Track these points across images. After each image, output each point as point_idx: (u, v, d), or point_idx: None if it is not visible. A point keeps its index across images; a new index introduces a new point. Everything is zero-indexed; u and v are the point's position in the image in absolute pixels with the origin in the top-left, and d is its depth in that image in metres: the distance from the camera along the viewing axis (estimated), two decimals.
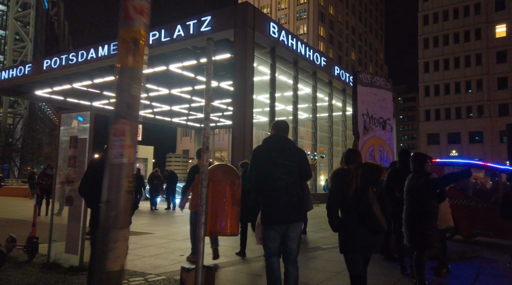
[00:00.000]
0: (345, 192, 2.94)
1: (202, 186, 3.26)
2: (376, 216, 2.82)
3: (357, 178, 2.93)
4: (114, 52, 18.52)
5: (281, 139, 3.35)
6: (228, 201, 3.37)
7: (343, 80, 23.46)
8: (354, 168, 3.00)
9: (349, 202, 2.92)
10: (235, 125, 15.63)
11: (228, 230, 3.33)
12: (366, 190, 2.88)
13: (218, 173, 3.44)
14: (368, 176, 2.96)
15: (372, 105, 7.42)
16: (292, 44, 18.10)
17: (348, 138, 25.50)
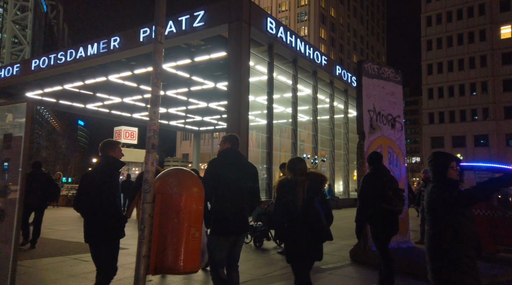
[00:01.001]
0: (292, 202, 2.95)
1: (144, 200, 2.25)
2: (324, 225, 2.92)
3: (304, 188, 2.95)
4: (103, 51, 17.62)
5: (236, 153, 3.39)
6: (183, 222, 2.35)
7: (345, 80, 22.46)
8: (301, 178, 3.01)
9: (297, 212, 2.92)
10: (230, 128, 14.64)
11: (181, 266, 2.31)
12: (313, 199, 2.94)
13: (169, 182, 2.43)
14: (313, 186, 3.01)
15: (380, 100, 6.40)
16: (291, 42, 17.14)
17: (351, 142, 24.46)
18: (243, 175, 3.28)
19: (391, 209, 4.10)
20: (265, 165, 16.96)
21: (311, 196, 2.96)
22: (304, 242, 2.95)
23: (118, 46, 17.13)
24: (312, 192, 2.98)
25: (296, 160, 3.23)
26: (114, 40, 17.19)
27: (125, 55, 17.70)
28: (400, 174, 6.50)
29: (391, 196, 4.10)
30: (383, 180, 4.22)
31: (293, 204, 2.95)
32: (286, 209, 3.00)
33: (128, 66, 19.64)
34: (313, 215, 2.92)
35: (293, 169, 3.14)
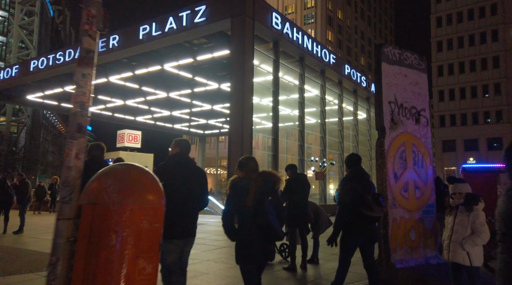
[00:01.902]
0: (243, 202, 2.92)
1: (61, 215, 1.37)
2: (274, 225, 2.87)
3: (256, 187, 2.94)
4: (102, 50, 16.95)
5: (184, 157, 3.42)
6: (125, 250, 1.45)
7: (354, 80, 21.49)
8: (254, 177, 3.00)
9: (247, 211, 2.91)
10: (233, 131, 13.79)
11: None
12: (264, 199, 2.92)
13: (106, 184, 1.54)
14: (266, 185, 2.99)
15: (402, 91, 5.47)
16: (298, 38, 16.27)
17: (361, 144, 23.43)
18: (191, 179, 3.29)
19: (370, 215, 3.82)
20: (270, 168, 16.05)
21: (262, 195, 2.92)
22: (254, 242, 2.89)
23: (117, 45, 16.46)
24: (264, 192, 2.94)
25: (247, 158, 3.16)
26: (113, 38, 16.53)
27: (124, 54, 17.03)
28: (426, 176, 5.55)
29: (370, 201, 3.82)
30: (363, 184, 3.99)
31: (244, 203, 2.92)
32: (237, 208, 2.95)
33: (128, 67, 18.99)
34: (263, 215, 2.87)
35: (244, 168, 3.08)
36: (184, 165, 3.37)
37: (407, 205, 5.24)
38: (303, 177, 6.11)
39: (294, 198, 5.85)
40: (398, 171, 5.24)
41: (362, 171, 4.21)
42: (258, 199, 2.90)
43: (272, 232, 2.87)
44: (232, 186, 3.04)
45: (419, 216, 5.33)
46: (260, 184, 2.95)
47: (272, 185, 3.04)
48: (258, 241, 2.89)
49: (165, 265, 3.17)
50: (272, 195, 3.01)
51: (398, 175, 5.23)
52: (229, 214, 3.01)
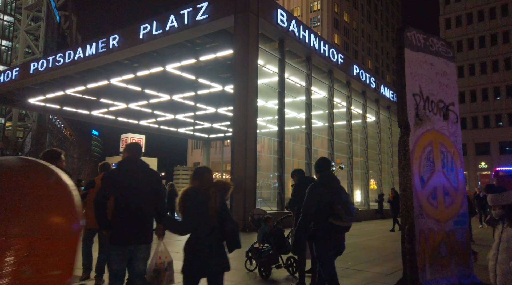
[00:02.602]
0: (201, 211, 2.87)
1: None
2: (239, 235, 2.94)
3: (216, 198, 2.90)
4: (102, 50, 16.44)
5: (135, 161, 3.37)
6: None
7: (363, 81, 20.71)
8: (212, 187, 2.94)
9: (208, 222, 2.86)
10: (236, 135, 13.08)
11: None
12: (225, 209, 2.94)
13: None
14: (223, 195, 2.97)
15: (428, 82, 4.72)
16: (304, 37, 15.58)
17: (370, 148, 22.57)
18: (142, 184, 3.24)
19: (338, 225, 3.62)
20: (276, 173, 15.29)
21: (222, 205, 2.95)
22: (208, 252, 2.85)
23: (117, 45, 15.93)
24: (222, 201, 2.97)
25: (204, 168, 3.13)
26: (113, 38, 16.01)
27: (125, 55, 16.50)
28: (457, 181, 4.77)
29: (340, 209, 3.61)
30: (332, 191, 3.74)
31: (206, 214, 2.87)
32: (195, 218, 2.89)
33: (130, 68, 18.47)
34: (230, 223, 2.91)
35: (200, 178, 3.03)
36: (135, 169, 3.29)
37: (435, 215, 4.48)
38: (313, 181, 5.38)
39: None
40: (424, 175, 4.48)
41: (332, 177, 3.92)
42: (221, 208, 2.89)
43: (236, 240, 2.89)
44: (188, 197, 2.91)
45: (450, 228, 4.55)
46: (218, 194, 2.91)
47: (225, 194, 3.01)
48: (215, 250, 2.84)
49: (112, 271, 3.15)
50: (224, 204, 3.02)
51: (425, 179, 4.47)
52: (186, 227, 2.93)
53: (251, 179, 12.32)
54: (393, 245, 9.90)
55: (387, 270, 6.39)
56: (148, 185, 3.28)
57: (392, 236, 12.04)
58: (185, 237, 2.97)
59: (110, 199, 3.26)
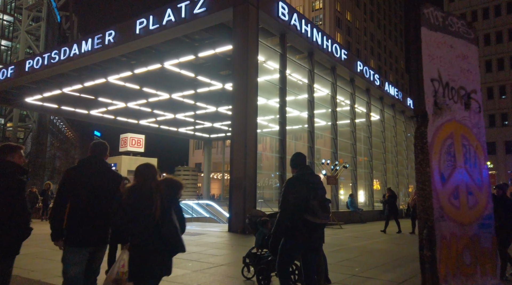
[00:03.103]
0: (144, 211, 2.71)
1: None
2: (180, 237, 2.79)
3: (162, 196, 2.74)
4: (98, 46, 15.96)
5: (95, 160, 3.31)
6: None
7: (367, 78, 20.14)
8: (154, 185, 2.78)
9: (153, 223, 2.69)
10: (235, 135, 12.53)
11: None
12: (170, 208, 2.78)
13: None
14: (170, 193, 2.81)
15: (448, 66, 4.14)
16: (306, 31, 15.03)
17: (374, 147, 21.97)
18: (101, 184, 3.21)
19: (313, 221, 3.46)
20: (277, 172, 14.74)
21: (168, 205, 2.75)
22: (152, 255, 2.70)
23: (113, 41, 15.45)
24: (169, 201, 2.78)
25: (146, 165, 2.95)
26: (109, 34, 15.53)
27: (121, 51, 16.01)
28: (481, 178, 4.17)
29: (316, 206, 3.47)
30: (309, 186, 3.58)
31: (148, 213, 2.69)
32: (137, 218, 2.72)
33: (127, 66, 18.00)
34: (170, 225, 2.72)
35: (143, 174, 2.84)
36: (94, 169, 3.23)
37: (458, 217, 3.89)
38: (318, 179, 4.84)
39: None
40: (445, 171, 3.90)
41: (309, 172, 3.73)
42: (165, 208, 2.73)
43: (178, 244, 2.76)
44: (131, 194, 2.73)
45: (474, 232, 3.96)
46: (163, 193, 2.76)
47: (176, 193, 2.87)
48: (158, 254, 2.73)
49: (68, 278, 3.05)
50: (175, 203, 2.85)
51: (446, 176, 3.91)
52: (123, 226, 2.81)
53: (251, 179, 11.78)
54: (401, 248, 9.33)
55: (398, 277, 5.82)
56: (107, 186, 3.19)
57: (399, 238, 11.46)
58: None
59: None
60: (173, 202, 2.80)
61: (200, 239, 10.22)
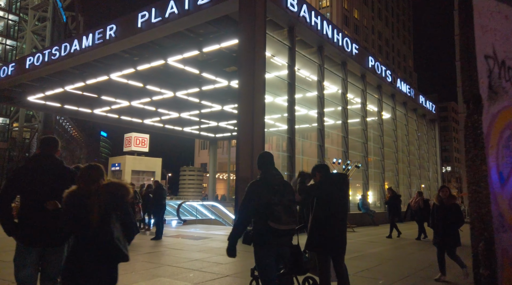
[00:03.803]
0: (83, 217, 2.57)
1: None
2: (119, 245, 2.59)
3: (100, 201, 2.60)
4: (99, 41, 15.37)
5: (43, 157, 3.22)
6: None
7: (379, 74, 19.31)
8: (94, 190, 2.64)
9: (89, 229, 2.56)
10: (241, 135, 11.82)
11: None
12: (110, 215, 2.61)
13: None
14: (111, 198, 2.67)
15: (504, 40, 3.38)
16: (316, 24, 14.28)
17: (386, 146, 21.11)
18: (51, 182, 3.09)
19: (277, 228, 3.17)
20: (286, 172, 14.00)
21: (107, 211, 2.59)
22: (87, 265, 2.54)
23: (114, 35, 14.84)
24: (110, 207, 2.62)
25: (89, 166, 2.81)
26: (110, 29, 14.94)
27: (123, 46, 15.41)
28: None
29: (279, 211, 3.19)
30: (273, 190, 3.28)
31: (85, 219, 2.56)
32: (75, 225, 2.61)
33: (130, 62, 17.41)
34: (107, 233, 2.55)
35: (84, 177, 2.71)
36: (43, 166, 3.13)
37: None
38: (341, 178, 4.12)
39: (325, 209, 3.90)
40: (504, 170, 3.18)
41: (274, 174, 3.47)
42: (103, 214, 2.57)
43: (117, 253, 2.58)
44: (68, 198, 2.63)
45: None
46: (103, 198, 2.60)
47: (121, 199, 2.72)
48: (94, 264, 2.54)
49: (19, 279, 3.00)
50: (120, 209, 2.70)
51: (505, 176, 3.18)
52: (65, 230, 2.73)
53: None
54: (423, 255, 8.52)
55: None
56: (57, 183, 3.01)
57: (419, 244, 10.65)
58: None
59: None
60: (116, 208, 2.62)
61: (204, 243, 9.53)
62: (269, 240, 3.25)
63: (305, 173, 4.16)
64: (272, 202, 3.22)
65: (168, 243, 9.53)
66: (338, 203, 3.91)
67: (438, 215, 5.81)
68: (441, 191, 6.01)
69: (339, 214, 3.88)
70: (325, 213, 3.83)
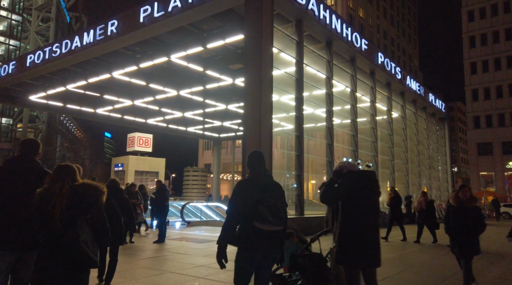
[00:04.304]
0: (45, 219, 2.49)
1: None
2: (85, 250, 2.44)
3: (62, 202, 2.49)
4: (100, 38, 14.93)
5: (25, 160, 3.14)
6: None
7: (388, 71, 18.72)
8: (57, 190, 2.55)
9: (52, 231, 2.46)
10: (247, 134, 11.29)
11: None
12: (76, 217, 2.48)
13: None
14: (80, 199, 2.56)
15: None
16: (325, 17, 13.74)
17: (396, 146, 20.49)
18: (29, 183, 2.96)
19: (262, 228, 3.03)
20: (293, 172, 13.46)
21: (72, 213, 2.47)
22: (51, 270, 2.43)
23: (116, 31, 14.39)
24: (76, 207, 2.50)
25: (58, 166, 2.74)
26: (111, 24, 14.48)
27: (125, 42, 14.96)
28: None
29: (265, 211, 3.06)
30: (261, 189, 3.15)
31: (47, 220, 2.47)
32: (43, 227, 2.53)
33: (132, 60, 16.95)
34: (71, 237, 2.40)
35: (50, 176, 2.68)
36: (22, 169, 3.04)
37: None
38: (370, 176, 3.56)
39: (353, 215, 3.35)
40: None
41: (263, 173, 3.33)
42: (67, 216, 2.45)
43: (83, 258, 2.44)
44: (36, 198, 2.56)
45: None
46: (70, 198, 2.51)
47: (93, 201, 2.57)
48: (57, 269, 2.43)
49: None
50: (91, 212, 2.55)
51: None
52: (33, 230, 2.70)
53: None
54: (445, 260, 7.93)
55: None
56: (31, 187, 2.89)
57: (437, 248, 10.05)
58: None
59: None
60: (86, 210, 2.51)
61: (209, 247, 9.01)
62: (252, 242, 3.10)
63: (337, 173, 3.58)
64: (258, 202, 3.09)
65: (171, 247, 9.02)
66: (369, 207, 3.35)
67: (455, 218, 4.92)
68: (461, 191, 5.05)
69: (370, 220, 3.32)
70: (354, 218, 3.28)
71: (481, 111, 46.77)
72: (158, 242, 9.71)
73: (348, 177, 3.40)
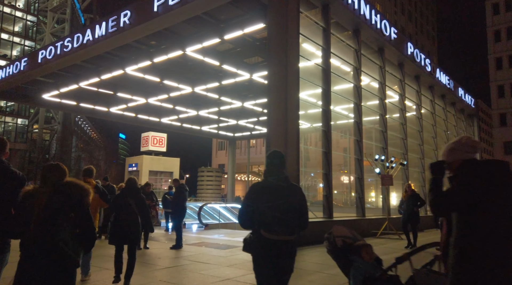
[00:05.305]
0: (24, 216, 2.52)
1: None
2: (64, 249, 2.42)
3: (42, 202, 2.49)
4: (113, 30, 14.15)
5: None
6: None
7: (418, 62, 17.41)
8: (41, 189, 2.57)
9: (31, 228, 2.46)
10: (272, 132, 10.24)
11: None
12: (56, 216, 2.47)
13: None
14: (61, 199, 2.53)
15: None
16: (353, 2, 12.60)
17: (425, 143, 19.11)
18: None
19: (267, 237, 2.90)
20: (318, 170, 12.36)
21: (51, 211, 2.45)
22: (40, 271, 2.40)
23: (129, 22, 13.58)
24: (57, 207, 2.47)
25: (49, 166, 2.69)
26: (124, 15, 13.69)
27: (138, 34, 14.14)
28: None
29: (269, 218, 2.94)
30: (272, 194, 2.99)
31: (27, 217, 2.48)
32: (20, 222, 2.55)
33: (146, 54, 16.16)
34: (47, 233, 2.40)
35: (44, 178, 2.63)
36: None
37: None
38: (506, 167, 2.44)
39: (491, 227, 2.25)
40: None
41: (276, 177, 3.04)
42: (47, 217, 2.45)
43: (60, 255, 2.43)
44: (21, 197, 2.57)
45: None
46: (51, 198, 2.49)
47: (76, 200, 2.54)
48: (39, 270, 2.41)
49: None
50: (75, 211, 2.53)
51: None
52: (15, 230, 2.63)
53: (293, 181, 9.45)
54: None
55: None
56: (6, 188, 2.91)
57: None
58: None
59: None
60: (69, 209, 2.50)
61: (232, 254, 8.00)
62: (258, 251, 2.95)
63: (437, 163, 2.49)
64: (265, 208, 2.93)
65: (190, 254, 8.06)
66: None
67: None
68: None
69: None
70: (496, 233, 2.13)
71: (507, 108, 44.58)
72: (175, 247, 8.78)
73: (474, 172, 2.25)
